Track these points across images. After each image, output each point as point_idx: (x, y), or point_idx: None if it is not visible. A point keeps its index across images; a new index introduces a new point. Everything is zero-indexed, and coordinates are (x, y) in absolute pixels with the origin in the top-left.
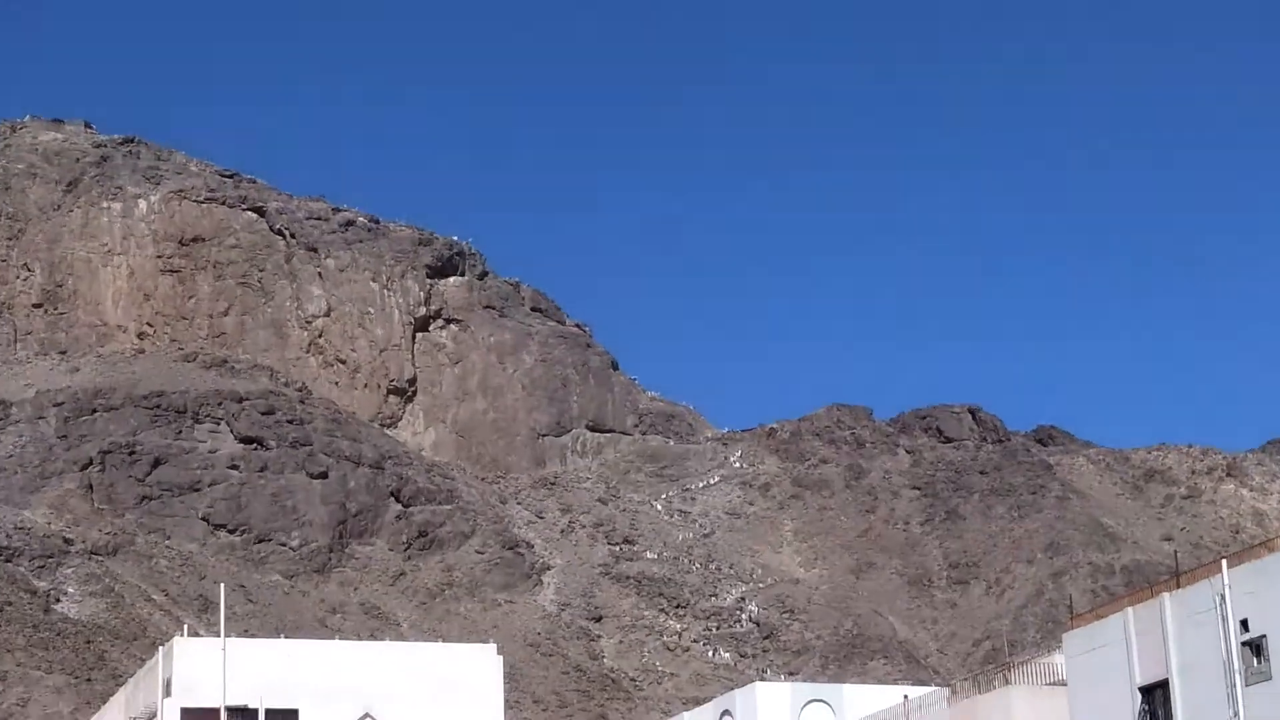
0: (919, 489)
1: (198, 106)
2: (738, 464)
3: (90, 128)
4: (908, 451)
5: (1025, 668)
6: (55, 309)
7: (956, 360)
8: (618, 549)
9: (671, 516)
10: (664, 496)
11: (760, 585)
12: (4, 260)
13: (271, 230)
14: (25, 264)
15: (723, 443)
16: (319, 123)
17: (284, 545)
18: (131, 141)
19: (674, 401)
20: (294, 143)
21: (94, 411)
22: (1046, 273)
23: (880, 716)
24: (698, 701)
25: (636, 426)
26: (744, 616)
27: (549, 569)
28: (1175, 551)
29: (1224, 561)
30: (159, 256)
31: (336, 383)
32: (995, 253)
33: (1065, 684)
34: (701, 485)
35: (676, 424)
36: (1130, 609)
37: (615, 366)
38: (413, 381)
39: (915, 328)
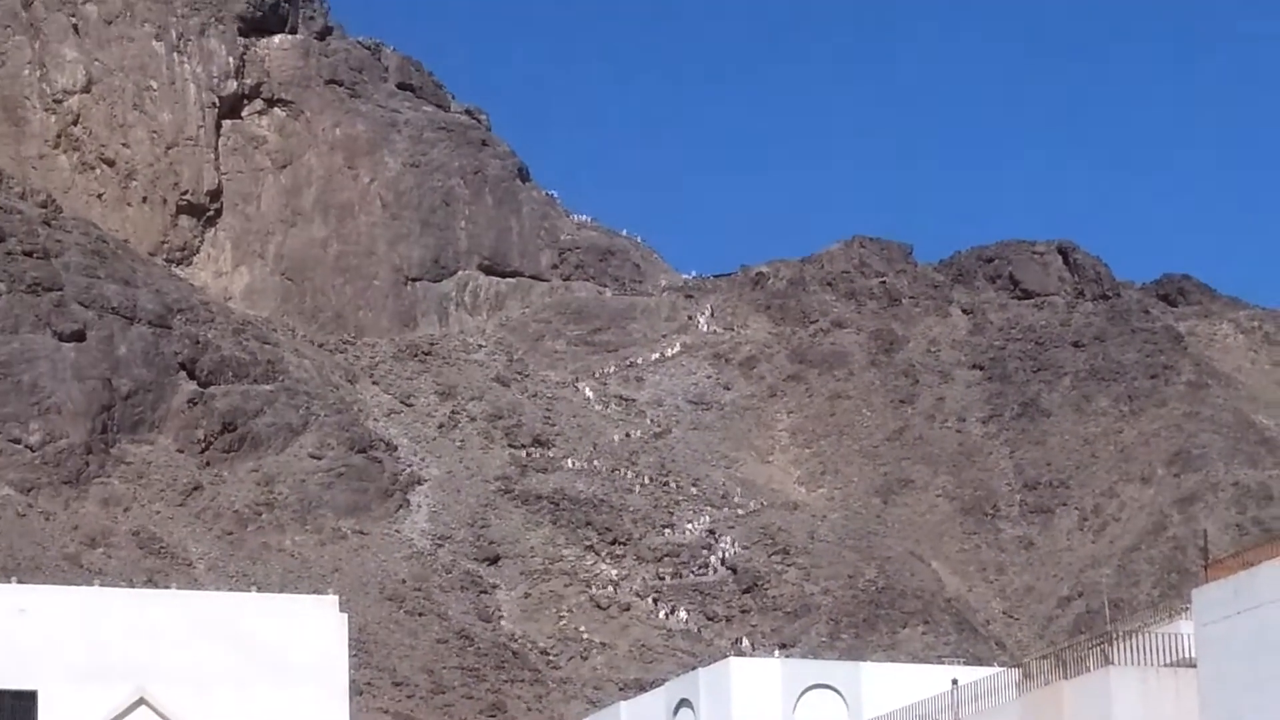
0: (981, 368)
1: None
2: (707, 327)
3: None
4: (964, 311)
5: (1135, 640)
6: None
7: (1040, 181)
8: (524, 455)
9: (606, 406)
10: (595, 375)
11: (740, 512)
12: None
13: None
14: None
15: (686, 294)
16: None
17: (17, 443)
18: None
19: (613, 230)
20: None
21: None
22: (1175, 62)
23: (914, 711)
24: (642, 686)
25: (555, 269)
26: (714, 559)
27: (420, 484)
28: None
29: None
30: None
31: (100, 195)
32: (1096, 32)
33: (1194, 665)
34: (654, 359)
35: (616, 266)
36: None
37: (525, 175)
38: (216, 195)
39: (976, 137)
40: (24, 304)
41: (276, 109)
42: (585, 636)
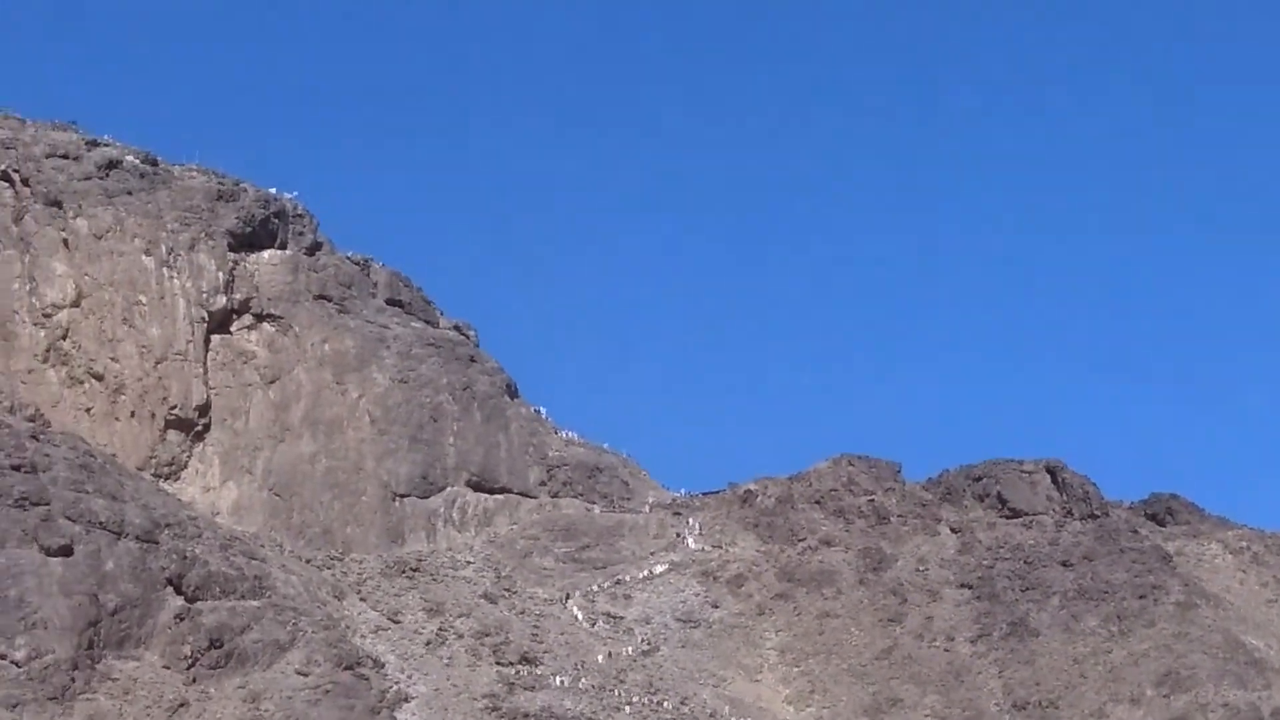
0: (969, 587)
1: None
2: (696, 545)
3: None
4: (953, 530)
5: None
6: None
7: (1027, 401)
8: (513, 672)
9: (594, 624)
10: (583, 593)
11: None
12: None
13: None
14: None
15: (674, 512)
16: (69, 11)
17: (3, 659)
18: None
19: (601, 447)
20: (29, 42)
21: None
22: (1158, 280)
23: None
24: None
25: (544, 485)
26: None
27: (408, 700)
28: None
29: None
30: None
31: (89, 409)
32: (1079, 239)
33: None
34: (641, 576)
35: (604, 482)
36: None
37: (513, 392)
38: (205, 410)
39: (964, 356)
40: (11, 518)
41: (265, 324)
42: None
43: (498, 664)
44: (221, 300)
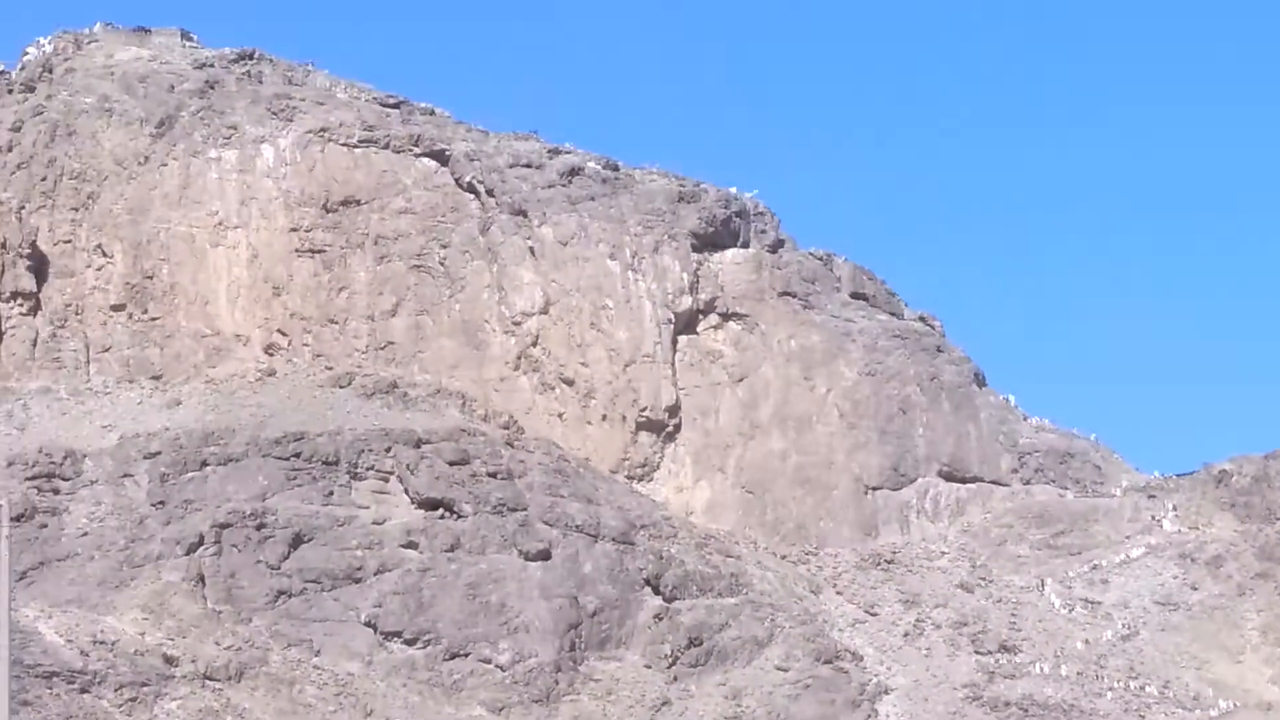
0: None
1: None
2: (1173, 526)
3: (190, 40)
4: None
5: None
6: (143, 312)
7: None
8: (992, 661)
9: (1072, 610)
10: (1059, 579)
11: (1212, 714)
12: (68, 241)
13: (459, 186)
14: (98, 245)
15: (1149, 494)
16: (526, 24)
17: (488, 663)
18: (250, 58)
19: (1073, 433)
20: (488, 54)
21: (203, 465)
22: None
23: None
24: None
25: (1016, 473)
26: None
27: (888, 693)
28: None
29: None
30: (294, 230)
31: (561, 415)
32: None
33: None
34: (1118, 561)
35: (1077, 468)
36: None
37: (981, 381)
38: (675, 410)
39: None
40: (490, 525)
41: (731, 323)
42: None
43: (976, 653)
44: (687, 301)
